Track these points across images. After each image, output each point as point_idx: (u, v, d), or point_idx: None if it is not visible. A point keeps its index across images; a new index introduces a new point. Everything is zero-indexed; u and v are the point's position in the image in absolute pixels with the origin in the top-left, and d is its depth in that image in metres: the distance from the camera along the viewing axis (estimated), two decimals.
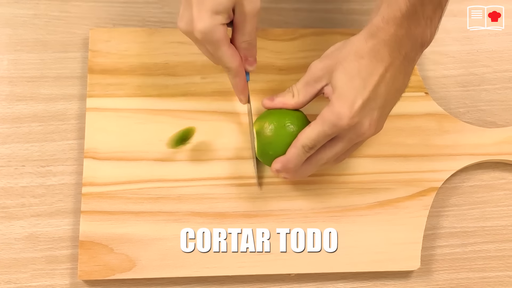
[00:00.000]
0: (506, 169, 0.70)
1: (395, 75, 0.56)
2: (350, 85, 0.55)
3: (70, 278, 0.63)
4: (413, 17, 0.54)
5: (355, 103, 0.55)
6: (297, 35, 0.71)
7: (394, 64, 0.55)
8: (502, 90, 0.73)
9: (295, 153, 0.58)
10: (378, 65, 0.55)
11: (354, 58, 0.56)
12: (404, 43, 0.55)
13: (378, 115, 0.57)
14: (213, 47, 0.57)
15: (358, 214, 0.65)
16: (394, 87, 0.57)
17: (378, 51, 0.55)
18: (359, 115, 0.55)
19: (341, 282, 0.65)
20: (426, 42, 0.57)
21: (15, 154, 0.66)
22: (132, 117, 0.67)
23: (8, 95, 0.68)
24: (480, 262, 0.67)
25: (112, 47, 0.69)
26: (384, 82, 0.55)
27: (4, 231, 0.64)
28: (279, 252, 0.63)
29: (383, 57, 0.55)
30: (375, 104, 0.56)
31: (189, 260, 0.62)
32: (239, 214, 0.64)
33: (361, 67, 0.55)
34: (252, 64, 0.61)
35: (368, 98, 0.55)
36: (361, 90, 0.55)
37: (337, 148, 0.58)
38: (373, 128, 0.57)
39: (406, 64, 0.57)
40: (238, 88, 0.62)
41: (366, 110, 0.55)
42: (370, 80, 0.55)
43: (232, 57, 0.58)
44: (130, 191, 0.64)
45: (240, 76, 0.60)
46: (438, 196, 0.68)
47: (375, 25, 0.55)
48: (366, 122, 0.56)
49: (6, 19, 0.71)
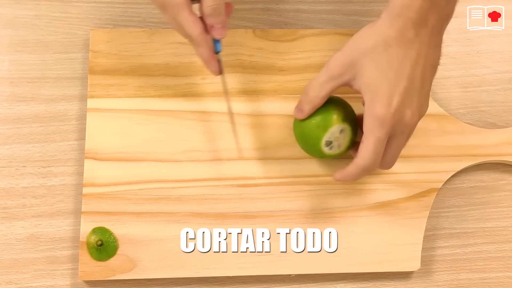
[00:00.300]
0: (506, 170, 0.70)
1: (427, 53, 0.54)
2: (384, 80, 0.54)
3: (70, 278, 0.63)
4: None
5: (392, 100, 0.54)
6: (297, 36, 0.71)
7: (423, 41, 0.54)
8: (502, 91, 0.73)
9: (356, 172, 0.57)
10: (408, 50, 0.53)
11: (382, 48, 0.54)
12: (430, 16, 0.53)
13: (418, 99, 0.55)
14: (173, 12, 0.55)
15: (358, 214, 0.65)
16: (428, 64, 0.55)
17: (404, 32, 0.53)
18: (399, 109, 0.54)
19: (341, 283, 0.65)
20: (451, 13, 0.56)
21: (16, 154, 0.66)
22: (132, 117, 0.67)
23: (9, 96, 0.68)
24: (480, 263, 0.67)
25: (112, 47, 0.69)
26: (418, 66, 0.54)
27: (5, 232, 0.64)
28: (279, 252, 0.64)
29: (411, 38, 0.53)
30: (413, 91, 0.54)
31: (189, 260, 0.63)
32: (239, 214, 0.64)
33: (390, 57, 0.54)
34: (220, 32, 0.57)
35: (405, 89, 0.54)
36: (396, 83, 0.53)
37: (396, 148, 0.58)
38: (417, 113, 0.56)
39: (434, 37, 0.55)
40: (203, 59, 0.58)
41: (406, 101, 0.54)
42: (403, 68, 0.53)
43: (193, 23, 0.55)
44: (130, 191, 0.64)
45: (203, 45, 0.57)
46: (438, 197, 0.68)
47: (398, 4, 0.53)
48: (408, 112, 0.55)
49: (7, 20, 0.71)
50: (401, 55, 0.54)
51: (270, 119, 0.67)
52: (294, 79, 0.69)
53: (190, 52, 0.69)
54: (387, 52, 0.54)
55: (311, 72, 0.69)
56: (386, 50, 0.54)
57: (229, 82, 0.68)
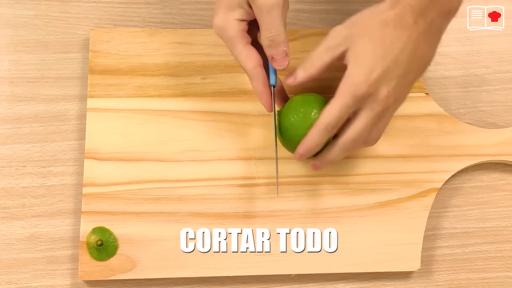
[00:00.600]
0: (506, 170, 0.70)
1: (419, 43, 0.55)
2: (371, 54, 0.54)
3: (70, 278, 0.63)
4: None
5: (373, 71, 0.54)
6: (297, 35, 0.71)
7: (418, 30, 0.54)
8: (502, 91, 0.73)
9: (316, 133, 0.56)
10: (401, 33, 0.54)
11: (379, 26, 0.54)
12: (430, 8, 0.54)
13: (399, 83, 0.55)
14: (228, 45, 0.55)
15: (359, 214, 0.65)
16: (418, 55, 0.55)
17: (403, 17, 0.54)
18: (377, 82, 0.54)
19: (341, 283, 0.65)
20: (454, 9, 0.55)
21: (16, 154, 0.66)
22: (132, 117, 0.67)
23: (9, 96, 0.68)
24: (480, 262, 0.67)
25: (112, 47, 0.69)
26: (406, 50, 0.54)
27: (5, 232, 0.64)
28: (279, 252, 0.64)
29: (408, 24, 0.54)
30: (395, 72, 0.54)
31: (189, 260, 0.63)
32: (239, 214, 0.64)
33: (384, 35, 0.54)
34: (279, 63, 0.57)
35: (388, 67, 0.54)
36: (381, 59, 0.54)
37: (360, 123, 0.56)
38: (392, 96, 0.55)
39: (431, 32, 0.55)
40: (256, 93, 0.58)
41: (385, 78, 0.54)
42: (392, 48, 0.54)
43: (247, 57, 0.55)
44: (130, 191, 0.64)
45: (256, 79, 0.57)
46: (438, 197, 0.68)
47: None
48: (384, 90, 0.54)
49: (7, 20, 0.71)
50: (394, 37, 0.54)
51: (270, 119, 0.67)
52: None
53: (190, 52, 0.69)
54: (382, 31, 0.54)
55: None
56: (382, 28, 0.54)
57: (231, 81, 0.69)
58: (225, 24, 0.54)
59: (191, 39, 0.70)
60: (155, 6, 0.73)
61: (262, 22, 0.54)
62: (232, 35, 0.54)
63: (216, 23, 0.54)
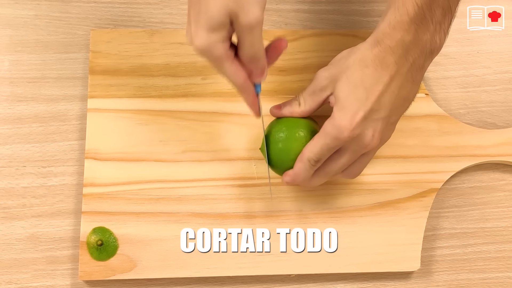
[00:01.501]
0: (506, 170, 0.70)
1: (402, 84, 0.54)
2: (353, 96, 0.54)
3: (71, 278, 0.63)
4: (421, 22, 0.53)
5: (356, 115, 0.54)
6: (297, 36, 0.71)
7: (401, 72, 0.54)
8: (502, 91, 0.73)
9: (302, 168, 0.57)
10: (383, 74, 0.54)
11: (358, 67, 0.54)
12: (412, 49, 0.53)
13: (383, 125, 0.55)
14: (215, 65, 0.55)
15: (358, 215, 0.65)
16: (401, 95, 0.55)
17: (383, 58, 0.53)
18: (360, 126, 0.54)
19: (341, 283, 0.65)
20: (436, 49, 0.55)
21: (16, 154, 0.66)
22: (133, 117, 0.67)
23: (9, 96, 0.68)
24: (480, 263, 0.67)
25: (113, 48, 0.69)
26: (389, 92, 0.54)
27: (5, 232, 0.64)
28: (279, 252, 0.64)
29: (389, 65, 0.53)
30: (378, 114, 0.55)
31: (189, 260, 0.63)
32: (239, 215, 0.64)
33: (364, 76, 0.54)
34: (259, 76, 0.57)
35: (371, 110, 0.54)
36: (364, 101, 0.54)
37: (343, 160, 0.57)
38: (377, 139, 0.56)
39: (414, 72, 0.55)
40: (247, 103, 0.59)
41: (369, 121, 0.54)
42: (374, 90, 0.54)
43: (235, 74, 0.55)
44: (130, 191, 0.64)
45: (246, 91, 0.57)
46: (438, 197, 0.68)
47: (381, 31, 0.54)
48: (369, 133, 0.55)
49: (7, 20, 0.71)
50: (375, 77, 0.54)
51: (271, 119, 0.67)
52: (294, 79, 0.69)
53: (190, 53, 0.69)
54: (362, 72, 0.54)
55: (310, 72, 0.69)
56: (361, 69, 0.54)
57: None
58: (210, 46, 0.52)
59: None
60: (155, 6, 0.73)
61: (244, 40, 0.54)
62: (219, 55, 0.53)
63: (198, 44, 0.52)
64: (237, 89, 0.57)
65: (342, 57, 0.57)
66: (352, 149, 0.56)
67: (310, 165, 0.57)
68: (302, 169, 0.57)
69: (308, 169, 0.57)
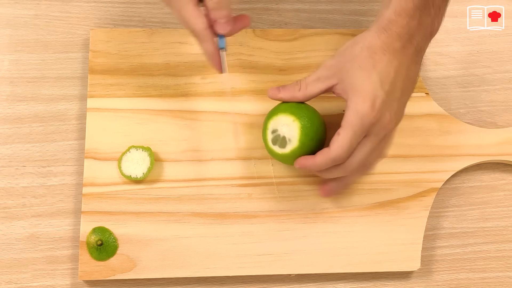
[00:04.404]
0: (506, 169, 0.70)
1: (409, 66, 0.57)
2: (368, 81, 0.55)
3: (70, 278, 0.63)
4: (424, 7, 0.55)
5: (376, 99, 0.55)
6: (297, 35, 0.71)
7: (407, 55, 0.56)
8: (502, 90, 0.73)
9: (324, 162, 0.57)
10: (392, 59, 0.56)
11: (367, 53, 0.56)
12: (416, 33, 0.56)
13: (397, 106, 0.57)
14: (177, 6, 0.54)
15: (359, 214, 0.65)
16: (408, 77, 0.57)
17: (391, 44, 0.55)
18: (381, 110, 0.55)
19: (341, 283, 0.65)
20: (435, 31, 0.58)
21: (16, 154, 0.66)
22: (132, 117, 0.67)
23: (9, 96, 0.68)
24: (480, 262, 0.67)
25: (112, 47, 0.69)
26: (400, 75, 0.56)
27: (5, 231, 0.64)
28: (279, 252, 0.64)
29: (396, 49, 0.56)
30: (393, 96, 0.56)
31: (189, 260, 0.63)
32: (239, 214, 0.64)
33: (375, 62, 0.56)
34: (223, 27, 0.55)
35: (387, 92, 0.55)
36: (379, 86, 0.55)
37: (366, 148, 0.57)
38: (394, 120, 0.57)
39: (417, 54, 0.57)
40: (207, 54, 0.57)
41: (387, 104, 0.56)
42: (387, 74, 0.56)
43: (196, 18, 0.54)
44: (130, 191, 0.64)
45: (206, 40, 0.56)
46: (438, 197, 0.68)
47: (387, 19, 0.56)
48: (387, 115, 0.56)
49: (7, 20, 0.71)
50: (385, 62, 0.56)
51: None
52: (294, 79, 0.69)
53: (190, 52, 0.69)
54: (372, 58, 0.56)
55: (311, 71, 0.69)
56: (371, 56, 0.56)
57: (230, 81, 0.69)
58: None
59: (191, 39, 0.69)
60: (155, 6, 0.73)
61: None
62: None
63: None
64: (197, 38, 0.56)
65: (348, 47, 0.58)
66: (374, 133, 0.57)
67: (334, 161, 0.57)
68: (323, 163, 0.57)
69: (329, 165, 0.57)
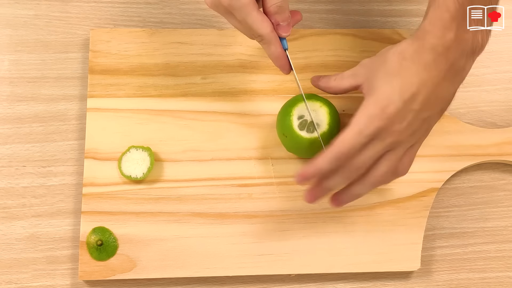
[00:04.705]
0: (506, 169, 0.70)
1: (439, 82, 0.53)
2: (388, 86, 0.53)
3: (70, 278, 0.63)
4: (463, 19, 0.52)
5: (390, 104, 0.53)
6: (297, 35, 0.71)
7: (440, 70, 0.53)
8: (502, 90, 0.73)
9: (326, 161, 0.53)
10: (420, 68, 0.53)
11: (397, 59, 0.54)
12: (452, 48, 0.52)
13: (413, 117, 0.53)
14: (241, 14, 0.54)
15: (359, 214, 0.65)
16: (436, 94, 0.53)
17: (422, 54, 0.52)
18: (392, 117, 0.53)
19: (341, 283, 0.65)
20: (478, 48, 0.53)
21: (16, 154, 0.66)
22: (132, 117, 0.67)
23: (9, 96, 0.68)
24: (480, 262, 0.67)
25: (112, 47, 0.69)
26: (425, 88, 0.53)
27: (5, 231, 0.64)
28: (279, 252, 0.63)
29: (427, 61, 0.52)
30: (411, 107, 0.53)
31: (189, 260, 0.63)
32: (239, 214, 0.64)
33: (402, 68, 0.53)
34: (285, 30, 0.57)
35: (405, 101, 0.53)
36: (398, 92, 0.53)
37: (369, 152, 0.54)
38: (406, 129, 0.54)
39: (453, 73, 0.54)
40: (275, 56, 0.58)
41: (401, 113, 0.53)
42: (410, 83, 0.53)
43: (262, 22, 0.55)
44: (130, 191, 0.64)
45: (274, 43, 0.57)
46: (438, 197, 0.68)
47: (423, 29, 0.53)
48: (398, 124, 0.53)
49: (7, 20, 0.71)
50: (413, 71, 0.53)
51: (270, 119, 0.67)
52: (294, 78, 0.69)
53: (190, 52, 0.69)
54: (400, 64, 0.54)
55: (311, 71, 0.69)
56: (399, 61, 0.54)
57: (231, 81, 0.69)
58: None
59: (191, 39, 0.70)
60: (155, 6, 0.73)
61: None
62: (245, 3, 0.53)
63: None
64: (265, 42, 0.57)
65: (385, 50, 0.56)
66: (380, 138, 0.53)
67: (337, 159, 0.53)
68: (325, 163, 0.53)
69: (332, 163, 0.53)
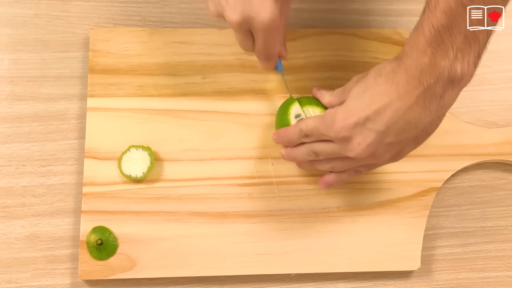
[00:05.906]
0: (506, 169, 0.70)
1: (410, 106, 0.52)
2: (357, 99, 0.54)
3: (70, 277, 0.63)
4: (439, 45, 0.50)
5: (352, 116, 0.53)
6: (298, 35, 0.71)
7: (412, 93, 0.52)
8: (502, 90, 0.73)
9: (292, 132, 0.60)
10: (391, 88, 0.52)
11: (374, 74, 0.54)
12: (427, 73, 0.51)
13: (375, 138, 0.53)
14: (270, 35, 0.56)
15: (359, 214, 0.65)
16: (406, 118, 0.52)
17: (396, 74, 0.52)
18: (350, 130, 0.54)
19: (341, 282, 0.65)
20: (456, 79, 0.51)
21: (16, 153, 0.66)
22: (132, 117, 0.67)
23: (8, 95, 0.68)
24: (480, 262, 0.67)
25: (112, 46, 0.69)
26: (392, 108, 0.52)
27: (5, 231, 0.64)
28: (279, 251, 0.64)
29: (400, 82, 0.52)
30: (373, 125, 0.53)
31: (189, 260, 0.63)
32: (239, 214, 0.64)
33: (375, 84, 0.53)
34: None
35: (367, 117, 0.53)
36: (364, 107, 0.53)
37: (327, 149, 0.57)
38: (362, 149, 0.54)
39: (428, 98, 0.52)
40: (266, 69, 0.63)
41: (361, 127, 0.53)
42: (377, 99, 0.53)
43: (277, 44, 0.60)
44: (130, 191, 0.64)
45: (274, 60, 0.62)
46: (438, 196, 0.68)
47: (403, 49, 0.53)
48: (357, 140, 0.54)
49: (7, 19, 0.71)
50: (384, 89, 0.53)
51: (270, 119, 0.67)
52: (294, 79, 0.69)
53: (190, 52, 0.69)
54: (374, 79, 0.54)
55: (311, 71, 0.69)
56: (375, 77, 0.54)
57: (231, 81, 0.69)
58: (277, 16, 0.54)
59: (191, 39, 0.70)
60: (155, 5, 0.73)
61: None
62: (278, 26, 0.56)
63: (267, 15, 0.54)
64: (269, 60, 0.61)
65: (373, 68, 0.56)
66: (338, 147, 0.56)
67: (300, 134, 0.59)
68: (292, 132, 0.60)
69: (296, 136, 0.59)
